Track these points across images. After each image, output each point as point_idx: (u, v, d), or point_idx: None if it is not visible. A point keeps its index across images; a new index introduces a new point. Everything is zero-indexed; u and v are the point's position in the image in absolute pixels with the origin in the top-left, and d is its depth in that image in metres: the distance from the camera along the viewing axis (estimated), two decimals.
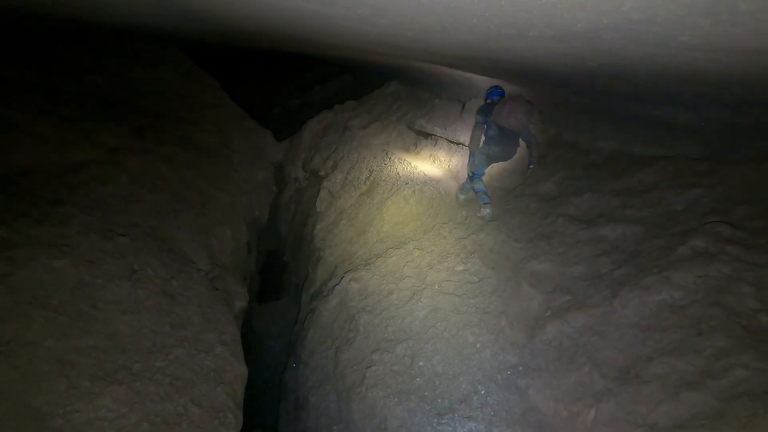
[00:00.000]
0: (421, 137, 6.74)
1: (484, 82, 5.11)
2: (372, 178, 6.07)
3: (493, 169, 4.96)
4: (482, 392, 3.11)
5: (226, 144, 6.51)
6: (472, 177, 4.62)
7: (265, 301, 6.73)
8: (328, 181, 6.53)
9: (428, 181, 5.57)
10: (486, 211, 4.40)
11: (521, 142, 4.46)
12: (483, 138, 4.43)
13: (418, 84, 7.46)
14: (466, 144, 5.26)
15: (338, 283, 4.64)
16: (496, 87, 4.57)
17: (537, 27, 1.62)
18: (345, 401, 3.65)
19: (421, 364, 3.45)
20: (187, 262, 4.14)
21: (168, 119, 6.16)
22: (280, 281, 7.13)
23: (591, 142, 4.53)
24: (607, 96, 3.71)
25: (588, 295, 3.24)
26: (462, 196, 4.99)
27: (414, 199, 5.38)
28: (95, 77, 6.14)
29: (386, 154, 6.41)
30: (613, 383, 2.75)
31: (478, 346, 3.36)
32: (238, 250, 5.39)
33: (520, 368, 3.13)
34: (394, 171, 6.00)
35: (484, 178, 4.72)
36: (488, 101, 4.51)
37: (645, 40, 1.66)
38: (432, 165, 6.16)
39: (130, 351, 2.79)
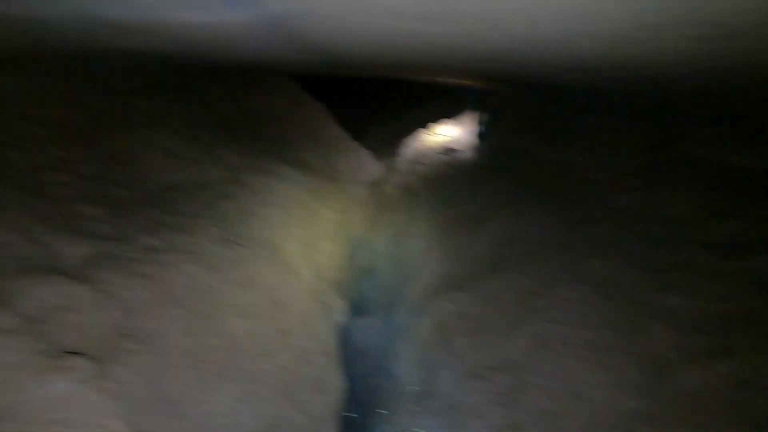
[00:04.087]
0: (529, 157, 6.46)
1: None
2: (467, 198, 5.95)
3: None
4: None
5: (330, 164, 6.92)
6: None
7: (361, 316, 6.89)
8: (425, 199, 6.56)
9: (529, 204, 5.27)
10: None
11: None
12: None
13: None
14: None
15: (433, 303, 4.56)
16: None
17: (679, 27, 1.44)
18: (442, 428, 3.53)
19: (525, 397, 3.20)
20: (294, 273, 4.42)
21: (282, 142, 6.77)
22: (376, 297, 7.27)
23: (735, 159, 3.90)
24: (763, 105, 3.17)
25: (738, 339, 2.72)
26: None
27: (514, 220, 5.13)
28: (224, 106, 7.01)
29: (484, 173, 6.25)
30: None
31: (592, 384, 3.01)
32: (339, 264, 5.63)
33: (644, 416, 2.72)
34: (493, 190, 5.80)
35: None
36: None
37: None
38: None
39: (244, 352, 3.03)
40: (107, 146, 4.33)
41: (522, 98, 7.28)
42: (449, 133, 9.37)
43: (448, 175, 6.84)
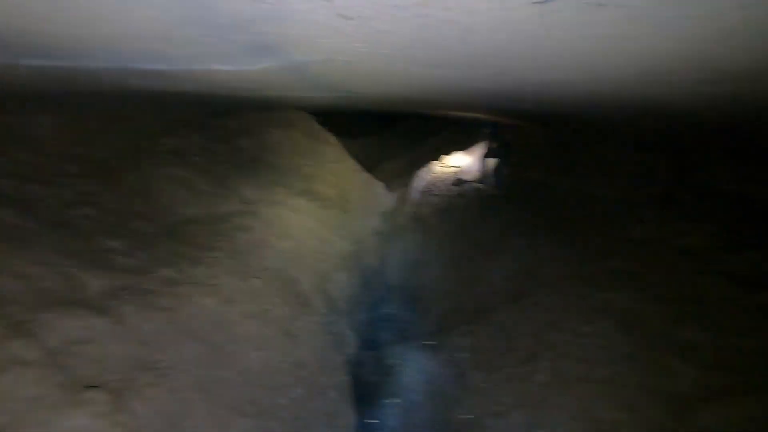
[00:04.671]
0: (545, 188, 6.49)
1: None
2: (483, 228, 5.96)
3: None
4: None
5: (344, 195, 7.04)
6: None
7: (373, 349, 6.81)
8: (437, 230, 6.58)
9: (545, 234, 5.26)
10: None
11: None
12: None
13: None
14: None
15: (447, 336, 4.51)
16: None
17: (691, 71, 1.50)
18: None
19: None
20: (307, 304, 4.45)
21: (297, 174, 6.93)
22: (388, 329, 7.19)
23: (749, 190, 3.88)
24: None
25: (760, 376, 2.63)
26: None
27: (529, 252, 5.11)
28: (242, 141, 7.25)
29: (500, 204, 6.28)
30: None
31: (611, 423, 2.91)
32: (352, 295, 5.63)
33: None
34: (508, 220, 5.81)
35: None
36: None
37: None
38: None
39: (257, 386, 3.03)
40: (130, 181, 4.51)
41: (535, 132, 7.39)
42: (462, 165, 9.49)
43: (461, 206, 6.89)
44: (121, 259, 3.27)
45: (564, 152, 6.76)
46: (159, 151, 5.66)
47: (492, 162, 7.99)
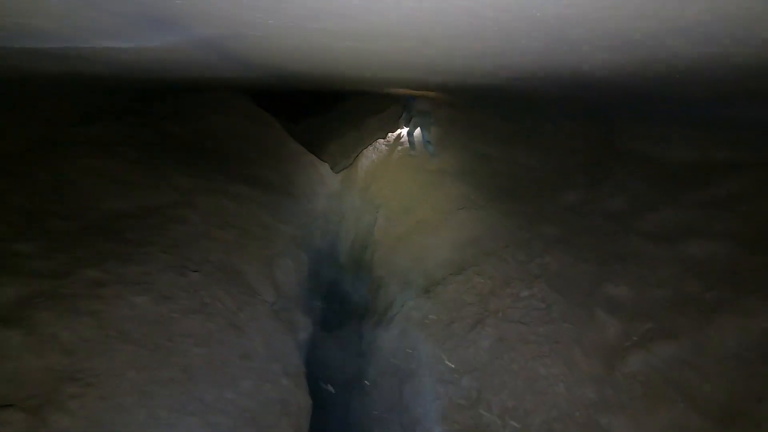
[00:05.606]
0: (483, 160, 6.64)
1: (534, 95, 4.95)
2: (427, 203, 6.04)
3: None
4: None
5: (288, 179, 6.84)
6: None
7: (329, 331, 6.81)
8: (385, 209, 6.59)
9: (485, 206, 5.41)
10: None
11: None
12: None
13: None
14: None
15: (399, 312, 4.58)
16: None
17: (590, 41, 1.53)
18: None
19: (488, 397, 3.25)
20: (254, 294, 4.32)
21: (237, 160, 6.63)
22: (342, 310, 7.20)
23: (664, 151, 4.17)
24: (682, 100, 3.42)
25: (676, 322, 2.89)
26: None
27: (471, 224, 5.24)
28: (174, 127, 6.80)
29: (441, 178, 6.37)
30: (715, 425, 2.39)
31: (551, 379, 3.11)
32: (301, 280, 5.54)
33: (600, 404, 2.84)
34: (450, 194, 5.92)
35: None
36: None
37: (718, 40, 1.51)
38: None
39: (202, 383, 2.91)
40: (43, 177, 4.10)
41: (473, 107, 7.50)
42: (405, 141, 9.48)
43: (407, 181, 6.92)
44: (35, 263, 2.98)
45: (502, 125, 6.94)
46: (77, 141, 5.17)
47: (430, 137, 8.04)
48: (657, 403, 2.64)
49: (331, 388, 4.54)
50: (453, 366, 3.58)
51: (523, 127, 6.32)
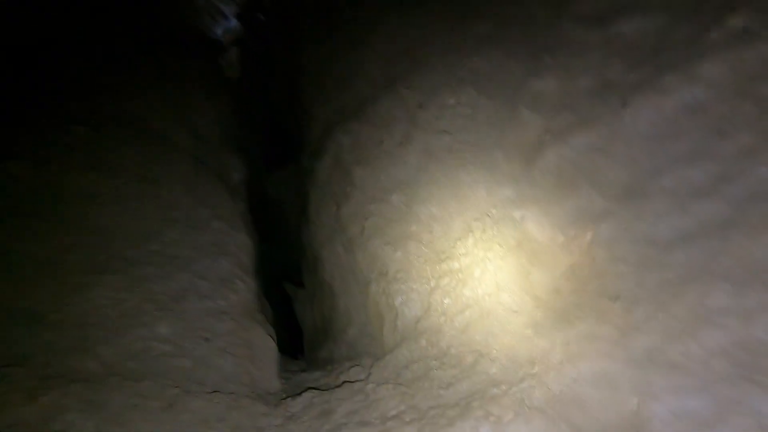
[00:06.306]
0: None
1: None
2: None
3: None
4: (478, 229, 3.03)
5: None
6: None
7: (275, 170, 6.70)
8: (311, 30, 5.72)
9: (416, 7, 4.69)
10: None
11: None
12: None
13: None
14: None
15: (329, 138, 4.39)
16: None
17: None
18: (350, 252, 3.77)
19: (416, 209, 3.36)
20: (166, 142, 3.96)
21: None
22: (285, 146, 6.98)
23: None
24: None
25: (593, 109, 2.81)
26: None
27: (402, 31, 4.63)
28: None
29: None
30: (613, 203, 2.54)
31: (472, 184, 3.17)
32: (225, 119, 5.12)
33: (516, 200, 2.96)
34: None
35: None
36: None
37: None
38: None
39: (119, 240, 2.83)
40: None
41: None
42: None
43: None
44: None
45: None
46: None
47: None
48: (566, 191, 2.75)
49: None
50: (382, 186, 3.61)
51: None
